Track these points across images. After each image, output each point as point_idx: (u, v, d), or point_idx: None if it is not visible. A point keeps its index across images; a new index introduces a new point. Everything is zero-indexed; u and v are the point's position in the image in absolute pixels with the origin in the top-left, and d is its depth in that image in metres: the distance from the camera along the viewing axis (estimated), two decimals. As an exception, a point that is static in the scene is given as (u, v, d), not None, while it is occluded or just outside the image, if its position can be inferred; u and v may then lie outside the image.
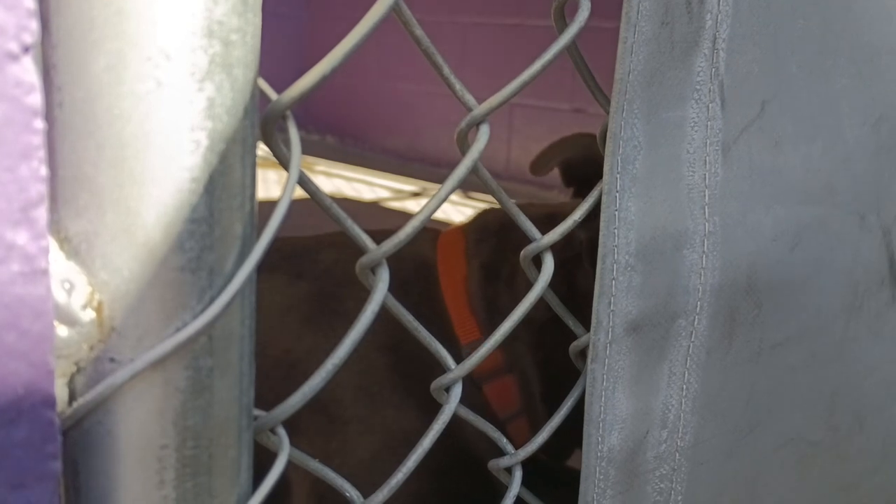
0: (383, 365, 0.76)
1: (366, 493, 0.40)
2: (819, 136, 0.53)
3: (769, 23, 0.48)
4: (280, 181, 2.49)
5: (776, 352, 0.54)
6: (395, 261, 0.81)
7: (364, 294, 0.82)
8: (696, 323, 0.48)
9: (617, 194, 0.43)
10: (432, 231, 0.87)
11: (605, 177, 0.43)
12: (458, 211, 2.88)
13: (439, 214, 2.81)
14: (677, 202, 0.46)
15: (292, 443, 0.34)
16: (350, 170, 3.12)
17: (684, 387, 0.49)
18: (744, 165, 0.48)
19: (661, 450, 0.49)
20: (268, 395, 0.32)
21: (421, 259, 0.81)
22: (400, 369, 0.76)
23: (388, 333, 0.76)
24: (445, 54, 0.38)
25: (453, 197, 3.05)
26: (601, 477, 0.46)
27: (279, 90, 0.31)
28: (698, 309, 0.48)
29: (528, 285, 0.47)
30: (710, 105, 0.46)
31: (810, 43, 0.50)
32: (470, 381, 0.79)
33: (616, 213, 0.43)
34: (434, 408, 0.74)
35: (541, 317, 0.76)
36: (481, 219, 0.87)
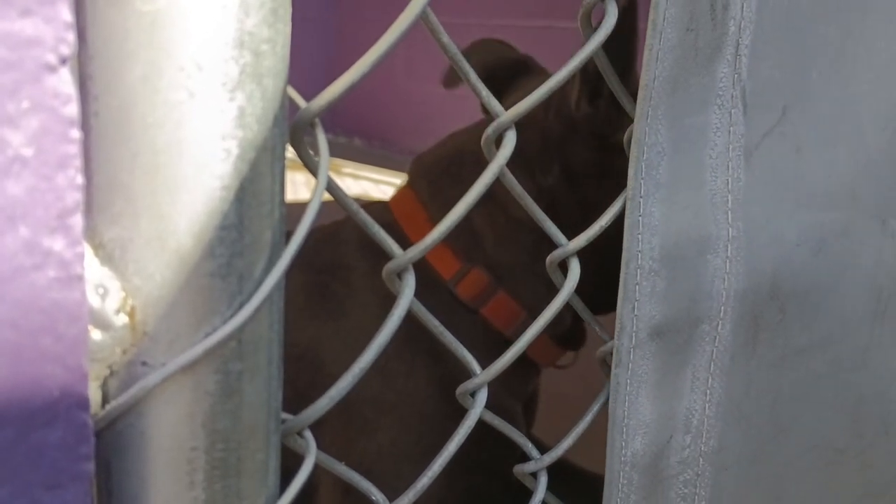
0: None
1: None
2: (840, 142, 0.53)
3: (790, 29, 0.48)
4: (307, 183, 2.51)
5: (800, 357, 0.54)
6: (360, 232, 0.81)
7: (347, 275, 0.81)
8: (719, 328, 0.48)
9: (641, 199, 0.43)
10: (380, 202, 0.88)
11: (630, 182, 0.43)
12: (379, 190, 2.91)
13: (358, 192, 2.83)
14: (700, 207, 0.46)
15: (316, 433, 0.34)
16: (377, 172, 3.13)
17: (708, 392, 0.49)
18: (766, 171, 0.48)
19: (685, 455, 0.49)
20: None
21: (382, 223, 0.83)
22: (403, 335, 0.76)
23: (382, 303, 0.77)
24: (473, 60, 0.38)
25: (375, 175, 3.06)
26: (625, 482, 0.46)
27: (307, 93, 0.32)
28: (722, 314, 0.48)
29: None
30: (733, 111, 0.46)
31: (830, 48, 0.50)
32: (466, 312, 0.79)
33: (640, 218, 0.43)
34: (442, 363, 0.75)
35: (513, 213, 0.76)
36: (419, 168, 0.87)
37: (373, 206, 0.88)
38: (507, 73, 0.93)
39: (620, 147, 0.79)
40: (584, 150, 0.79)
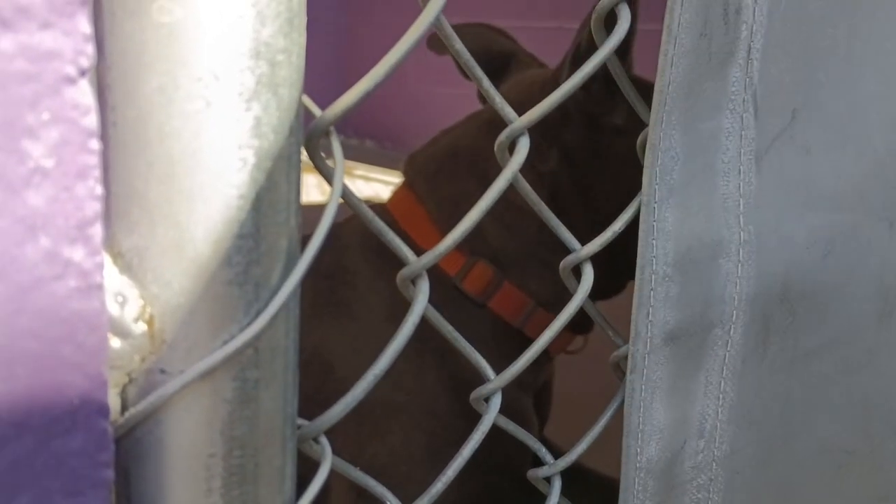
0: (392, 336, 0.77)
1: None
2: (849, 144, 0.53)
3: (800, 32, 0.48)
4: (319, 186, 2.51)
5: (810, 360, 0.54)
6: (361, 235, 0.81)
7: (352, 278, 0.81)
8: (731, 332, 0.48)
9: (655, 205, 0.43)
10: (378, 204, 0.88)
11: (644, 188, 0.43)
12: (390, 192, 2.90)
13: (370, 194, 2.83)
14: (713, 212, 0.46)
15: (327, 438, 0.34)
16: (389, 174, 3.13)
17: (720, 396, 0.49)
18: (776, 174, 0.48)
19: (699, 460, 0.49)
20: None
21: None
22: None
23: (388, 304, 0.77)
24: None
25: (386, 177, 3.05)
26: (640, 488, 0.46)
27: (318, 94, 0.32)
28: (734, 318, 0.48)
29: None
30: (744, 115, 0.46)
31: (838, 50, 0.50)
32: (473, 307, 0.78)
33: (654, 223, 0.44)
34: (449, 361, 0.74)
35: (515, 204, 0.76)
36: (414, 167, 0.87)
37: (372, 209, 0.88)
38: (498, 60, 0.93)
39: (614, 129, 0.80)
40: (579, 134, 0.80)
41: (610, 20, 0.43)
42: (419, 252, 0.40)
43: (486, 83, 0.39)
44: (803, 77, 0.49)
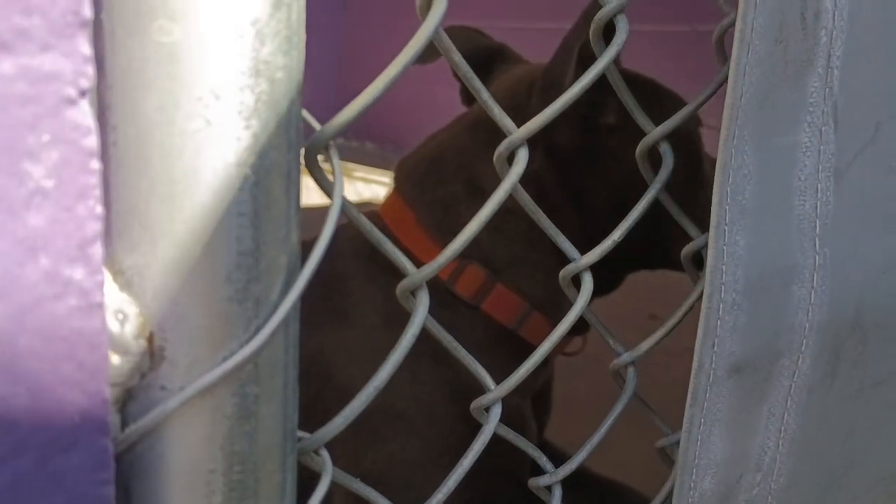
0: (388, 344, 0.77)
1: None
2: None
3: (884, 39, 0.45)
4: (317, 188, 2.51)
5: (877, 389, 0.51)
6: (353, 241, 0.81)
7: (344, 285, 0.81)
8: (799, 362, 0.46)
9: (726, 227, 0.40)
10: (370, 211, 0.88)
11: (714, 209, 0.41)
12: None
13: (369, 196, 2.82)
14: (787, 234, 0.43)
15: (326, 446, 0.34)
16: (389, 176, 3.13)
17: (782, 428, 0.47)
18: (856, 193, 0.45)
19: (754, 494, 0.47)
20: None
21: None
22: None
23: (382, 310, 0.77)
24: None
25: (386, 179, 3.05)
26: None
27: (317, 98, 0.32)
28: (803, 347, 0.46)
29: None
30: (824, 128, 0.43)
31: None
32: (467, 310, 0.78)
33: (724, 247, 0.41)
34: (445, 366, 0.74)
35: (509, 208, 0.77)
36: (403, 171, 0.87)
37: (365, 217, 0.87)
38: (484, 60, 0.93)
39: (605, 129, 0.79)
40: (569, 134, 0.80)
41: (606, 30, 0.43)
42: (410, 258, 0.40)
43: (485, 94, 0.39)
44: (888, 87, 0.45)
